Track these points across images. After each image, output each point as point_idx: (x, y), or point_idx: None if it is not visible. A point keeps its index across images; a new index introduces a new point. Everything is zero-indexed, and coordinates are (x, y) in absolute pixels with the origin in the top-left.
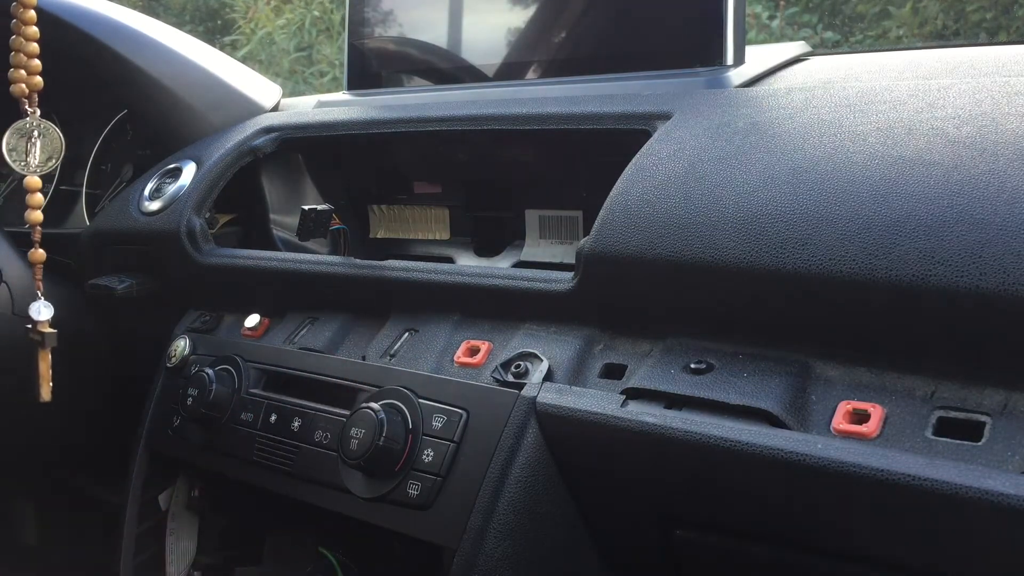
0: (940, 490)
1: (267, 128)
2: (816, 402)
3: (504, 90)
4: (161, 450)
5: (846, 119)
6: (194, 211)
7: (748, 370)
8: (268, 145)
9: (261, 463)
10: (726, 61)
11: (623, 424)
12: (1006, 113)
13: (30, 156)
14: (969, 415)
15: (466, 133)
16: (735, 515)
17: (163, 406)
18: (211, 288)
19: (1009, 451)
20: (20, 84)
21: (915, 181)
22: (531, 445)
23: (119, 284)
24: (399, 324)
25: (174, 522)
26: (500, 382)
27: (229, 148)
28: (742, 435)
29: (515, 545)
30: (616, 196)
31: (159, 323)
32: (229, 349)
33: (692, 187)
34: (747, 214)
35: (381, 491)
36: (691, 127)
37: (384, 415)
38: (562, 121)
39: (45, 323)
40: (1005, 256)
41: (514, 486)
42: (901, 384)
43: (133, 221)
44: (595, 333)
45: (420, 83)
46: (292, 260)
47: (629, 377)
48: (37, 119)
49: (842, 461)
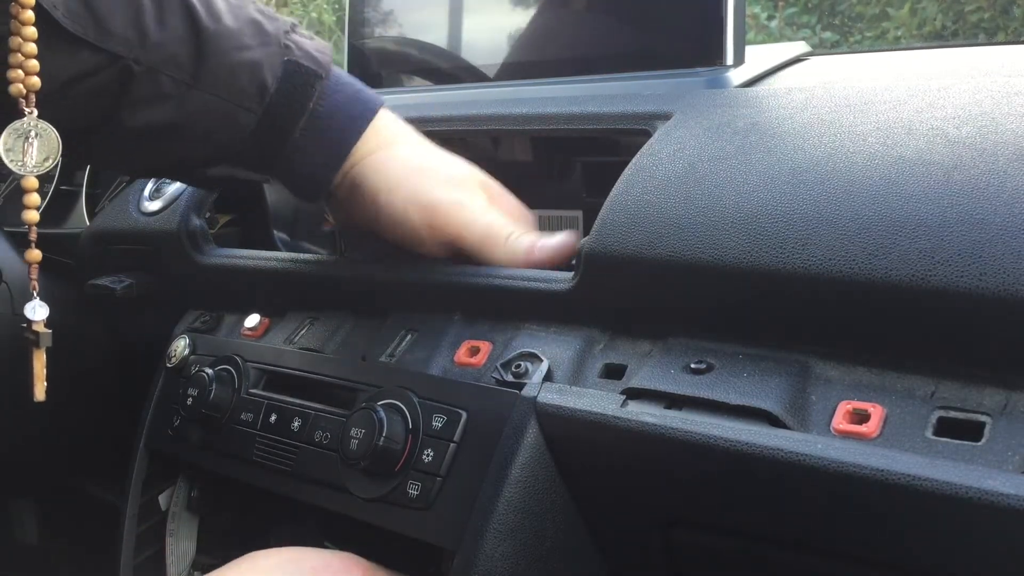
0: (940, 490)
1: None
2: (816, 402)
3: (504, 90)
4: (161, 450)
5: (846, 119)
6: (194, 211)
7: (748, 370)
8: None
9: (261, 463)
10: (726, 61)
11: (623, 424)
12: (1006, 113)
13: (27, 156)
14: (969, 415)
15: (466, 133)
16: (735, 515)
17: (163, 406)
18: (211, 288)
19: (1009, 451)
20: (18, 84)
21: (915, 181)
22: (531, 445)
23: (119, 284)
24: (399, 324)
25: (174, 522)
26: (500, 382)
27: None
28: (742, 435)
29: (515, 545)
30: (616, 196)
31: (159, 323)
32: (229, 349)
33: (692, 187)
34: (747, 214)
35: (381, 491)
36: (691, 127)
37: (384, 415)
38: (562, 121)
39: (40, 323)
40: (1005, 256)
41: (514, 486)
42: (901, 384)
43: (133, 221)
44: (595, 333)
45: (420, 83)
46: (292, 260)
47: (629, 377)
48: (34, 119)
49: (842, 461)
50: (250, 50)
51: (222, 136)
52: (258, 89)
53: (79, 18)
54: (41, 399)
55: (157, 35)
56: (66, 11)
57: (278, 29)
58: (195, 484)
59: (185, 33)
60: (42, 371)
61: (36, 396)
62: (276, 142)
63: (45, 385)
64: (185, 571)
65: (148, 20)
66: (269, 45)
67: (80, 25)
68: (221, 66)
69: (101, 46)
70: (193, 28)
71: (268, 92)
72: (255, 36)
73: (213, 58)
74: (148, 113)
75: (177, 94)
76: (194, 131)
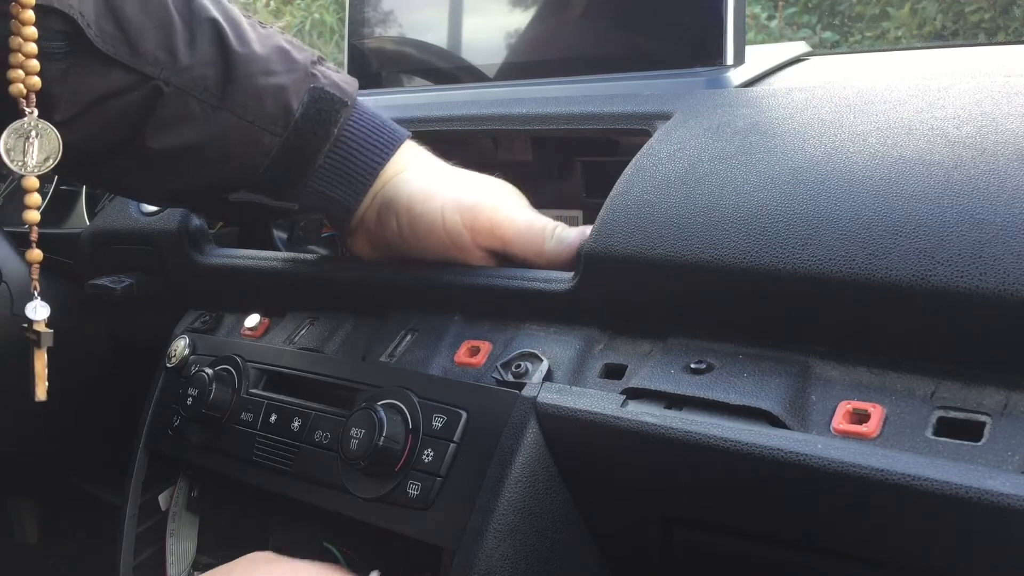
0: (940, 490)
1: None
2: (816, 402)
3: (504, 90)
4: (161, 450)
5: (846, 119)
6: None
7: (748, 370)
8: None
9: (261, 463)
10: (726, 61)
11: (623, 424)
12: (1006, 113)
13: (27, 156)
14: (969, 415)
15: (466, 133)
16: (735, 515)
17: (163, 406)
18: (211, 288)
19: (1009, 451)
20: (18, 84)
21: (915, 181)
22: (531, 445)
23: (119, 284)
24: (399, 324)
25: (174, 522)
26: (500, 382)
27: None
28: (742, 435)
29: (515, 545)
30: (616, 196)
31: (159, 323)
32: (229, 349)
33: (692, 187)
34: (747, 214)
35: (381, 491)
36: (691, 127)
37: (384, 415)
38: (562, 121)
39: (41, 322)
40: (1005, 256)
41: (514, 486)
42: (901, 384)
43: (133, 221)
44: (595, 333)
45: (420, 83)
46: (292, 260)
47: (629, 377)
48: (35, 119)
49: (842, 461)
50: (277, 75)
51: (246, 159)
52: (283, 112)
53: (111, 38)
54: (43, 399)
55: (187, 57)
56: (98, 31)
57: (306, 58)
58: (195, 484)
59: (214, 56)
60: (43, 371)
61: (37, 396)
62: (300, 167)
63: (47, 385)
64: (185, 571)
65: (179, 42)
66: (296, 72)
67: (112, 45)
68: (248, 89)
69: (133, 66)
70: (222, 51)
71: (293, 116)
72: (282, 63)
73: (240, 81)
74: (173, 134)
75: (203, 116)
76: (218, 153)
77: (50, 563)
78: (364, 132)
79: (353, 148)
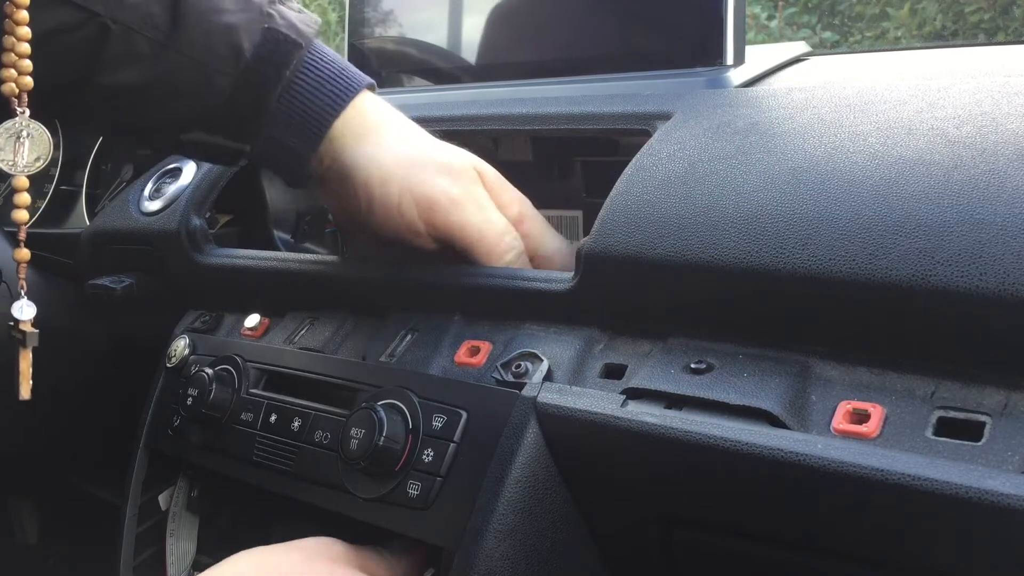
0: (940, 490)
1: None
2: (816, 402)
3: (504, 90)
4: (161, 450)
5: (846, 119)
6: (194, 211)
7: (748, 370)
8: None
9: (261, 463)
10: (726, 61)
11: (623, 424)
12: (1006, 113)
13: (18, 156)
14: (969, 415)
15: (466, 133)
16: (735, 515)
17: (163, 406)
18: (211, 288)
19: (1009, 451)
20: (10, 84)
21: (915, 181)
22: (531, 445)
23: (119, 284)
24: (399, 324)
25: (174, 522)
26: (500, 382)
27: None
28: (742, 435)
29: (515, 545)
30: (616, 196)
31: (159, 323)
32: (229, 349)
33: (692, 187)
34: (747, 214)
35: (381, 491)
36: (691, 127)
37: (384, 415)
38: (562, 121)
39: (27, 322)
40: (1005, 256)
41: (514, 486)
42: (901, 384)
43: (133, 221)
44: (595, 333)
45: (420, 83)
46: (292, 260)
47: (629, 377)
48: (26, 119)
49: (842, 461)
50: (229, 14)
51: (196, 99)
52: (233, 52)
53: None
54: (27, 398)
55: None
56: None
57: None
58: (195, 484)
59: None
60: (28, 370)
61: (21, 395)
62: (252, 110)
63: (31, 384)
64: (185, 571)
65: None
66: (250, 11)
67: None
68: (197, 28)
69: (79, 3)
70: None
71: (243, 56)
72: (236, 1)
73: (189, 18)
74: (123, 72)
75: (152, 54)
76: (167, 92)
77: (50, 563)
78: (318, 76)
79: (307, 93)
